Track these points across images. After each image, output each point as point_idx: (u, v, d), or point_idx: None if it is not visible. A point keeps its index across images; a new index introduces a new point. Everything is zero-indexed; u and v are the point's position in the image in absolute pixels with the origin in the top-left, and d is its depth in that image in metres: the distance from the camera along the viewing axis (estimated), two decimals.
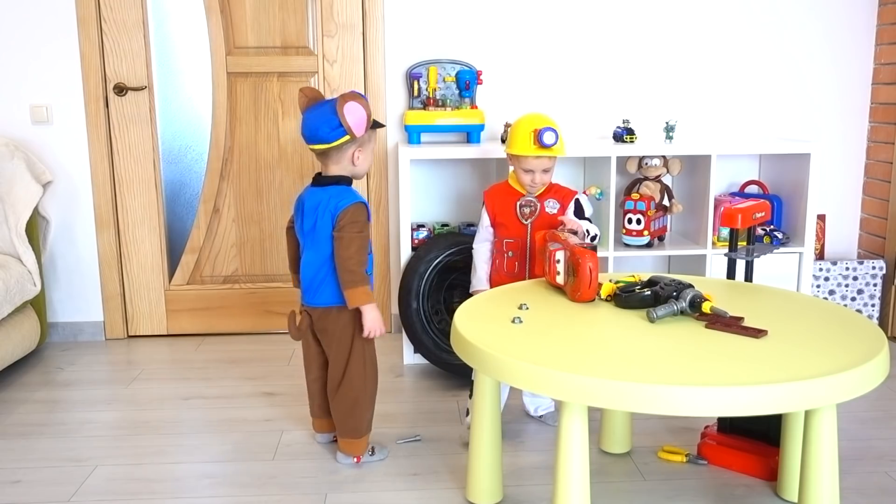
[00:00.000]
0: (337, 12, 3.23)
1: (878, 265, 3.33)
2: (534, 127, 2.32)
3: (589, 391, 1.54)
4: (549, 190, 2.43)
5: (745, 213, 2.17)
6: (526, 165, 2.36)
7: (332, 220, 2.12)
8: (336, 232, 2.11)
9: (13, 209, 3.00)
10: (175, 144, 3.33)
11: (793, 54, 3.35)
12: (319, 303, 2.19)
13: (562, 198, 2.43)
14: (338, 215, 2.11)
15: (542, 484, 2.13)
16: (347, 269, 2.10)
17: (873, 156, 3.42)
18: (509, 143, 2.41)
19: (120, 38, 3.19)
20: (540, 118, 2.37)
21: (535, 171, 2.36)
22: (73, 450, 2.37)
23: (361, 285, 2.11)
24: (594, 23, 3.28)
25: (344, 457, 2.25)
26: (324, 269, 2.16)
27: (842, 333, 1.78)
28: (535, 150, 2.32)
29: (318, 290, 2.18)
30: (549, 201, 2.41)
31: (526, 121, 2.37)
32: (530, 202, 2.40)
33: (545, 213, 2.40)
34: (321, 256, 2.16)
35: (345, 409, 2.22)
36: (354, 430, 2.22)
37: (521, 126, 2.37)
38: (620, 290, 1.99)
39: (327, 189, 2.16)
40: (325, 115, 2.10)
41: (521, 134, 2.35)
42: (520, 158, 2.36)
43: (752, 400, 1.49)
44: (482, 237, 2.50)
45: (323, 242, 2.14)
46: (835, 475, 1.72)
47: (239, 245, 3.40)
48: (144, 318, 3.42)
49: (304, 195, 2.22)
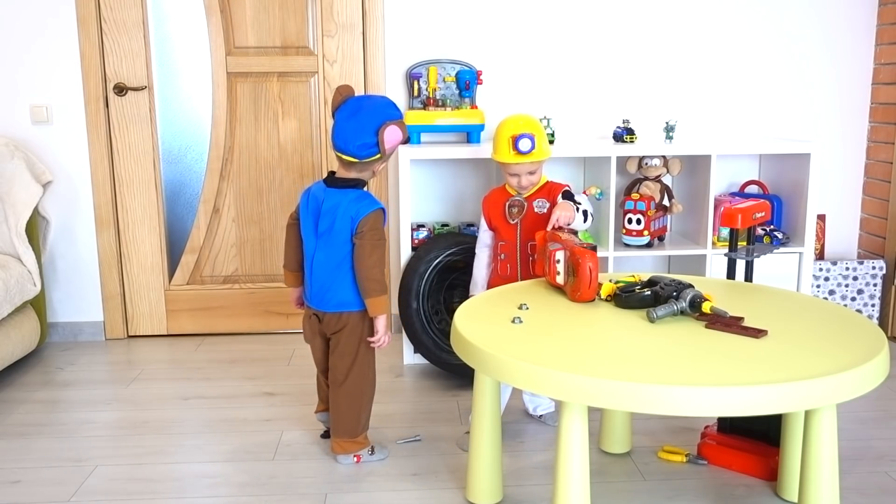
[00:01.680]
0: (337, 12, 3.23)
1: (878, 265, 3.33)
2: (511, 133, 2.33)
3: (589, 391, 1.54)
4: (540, 189, 2.43)
5: (745, 213, 2.17)
6: (510, 170, 2.39)
7: (351, 225, 2.11)
8: (357, 238, 2.11)
9: (13, 209, 3.00)
10: (175, 144, 3.33)
11: (793, 54, 3.35)
12: (331, 308, 2.18)
13: (552, 196, 2.42)
14: (360, 221, 2.10)
15: (542, 484, 2.13)
16: (372, 278, 2.11)
17: (873, 156, 3.42)
18: (492, 149, 2.42)
19: (120, 38, 3.19)
20: (518, 123, 2.36)
21: (520, 174, 2.38)
22: (73, 450, 2.37)
23: (383, 294, 2.13)
24: (594, 23, 3.28)
25: (345, 456, 2.25)
26: (338, 273, 2.15)
27: (842, 333, 1.78)
28: (513, 158, 2.34)
29: (328, 293, 2.17)
30: (539, 201, 2.40)
31: (505, 126, 2.38)
32: (517, 202, 2.41)
33: (533, 213, 2.39)
34: (335, 259, 2.14)
35: (344, 410, 2.22)
36: (351, 430, 2.23)
37: (501, 132, 2.38)
38: (620, 290, 1.99)
39: (346, 192, 2.14)
40: (364, 132, 2.09)
41: (501, 140, 2.37)
42: (501, 163, 2.39)
43: (752, 400, 1.49)
44: (481, 242, 2.52)
45: (339, 245, 2.14)
46: (835, 475, 1.72)
47: (239, 245, 3.40)
48: (144, 318, 3.42)
49: (319, 194, 2.17)
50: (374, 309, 2.13)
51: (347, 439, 2.23)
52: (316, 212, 2.17)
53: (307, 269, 2.21)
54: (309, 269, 2.20)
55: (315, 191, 2.20)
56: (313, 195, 2.20)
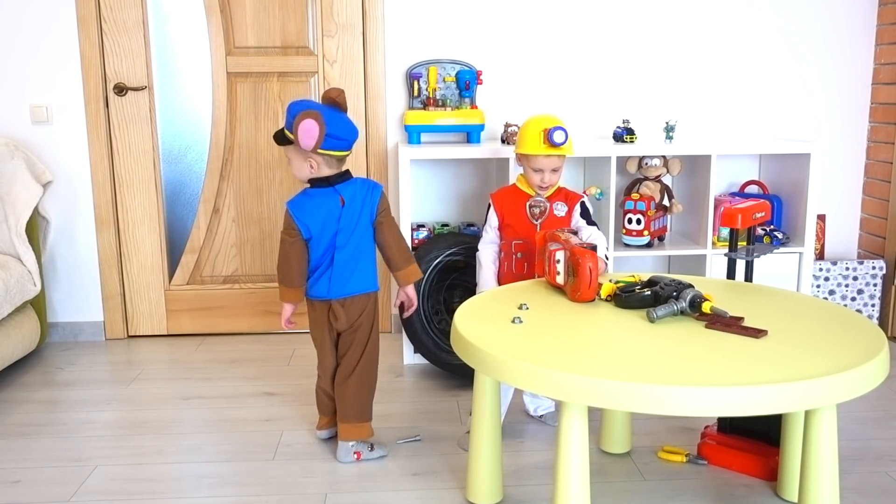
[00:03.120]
0: (337, 12, 3.23)
1: (878, 265, 3.33)
2: (543, 126, 2.34)
3: (589, 391, 1.54)
4: (557, 192, 2.44)
5: (745, 213, 2.17)
6: (536, 165, 2.38)
7: (373, 208, 2.23)
8: (382, 217, 2.24)
9: (13, 209, 3.00)
10: (175, 144, 3.33)
11: (793, 54, 3.35)
12: (351, 291, 2.25)
13: (569, 200, 2.44)
14: (378, 201, 2.23)
15: (542, 484, 2.13)
16: (404, 248, 2.29)
17: (873, 156, 3.42)
18: (518, 143, 2.42)
19: (120, 38, 3.20)
20: (549, 118, 2.39)
21: (545, 170, 2.37)
22: (73, 450, 2.37)
23: (416, 261, 2.34)
24: (594, 23, 3.28)
25: (345, 453, 2.26)
26: (358, 257, 2.24)
27: (842, 333, 1.78)
28: (545, 149, 2.34)
29: (350, 278, 2.24)
30: (558, 204, 2.42)
31: (535, 121, 2.39)
32: (539, 202, 2.42)
33: (554, 215, 2.41)
34: (358, 245, 2.23)
35: (356, 392, 2.27)
36: (362, 413, 2.28)
37: (531, 126, 2.38)
38: (620, 290, 1.99)
39: (352, 182, 2.24)
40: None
41: (531, 133, 2.36)
42: (529, 158, 2.38)
43: (752, 400, 1.49)
44: (488, 239, 2.49)
45: (362, 231, 2.23)
46: (835, 475, 1.72)
47: (239, 245, 3.40)
48: (144, 318, 3.42)
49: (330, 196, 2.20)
50: (413, 275, 2.30)
51: (357, 423, 2.27)
52: (339, 210, 2.20)
53: (325, 266, 2.23)
54: (328, 264, 2.23)
55: (319, 195, 2.20)
56: (308, 203, 2.20)
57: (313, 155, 2.16)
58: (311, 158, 2.17)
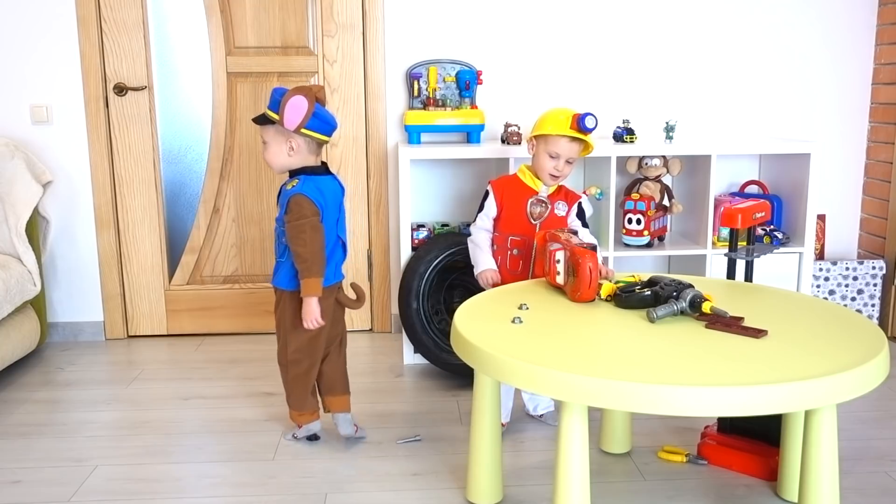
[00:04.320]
0: (337, 12, 3.23)
1: (878, 265, 3.33)
2: (574, 112, 2.29)
3: (589, 391, 1.54)
4: (558, 191, 2.41)
5: (745, 213, 2.17)
6: (555, 148, 2.29)
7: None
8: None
9: (13, 209, 3.00)
10: (175, 144, 3.33)
11: (793, 54, 3.35)
12: (340, 277, 2.34)
13: (569, 200, 2.42)
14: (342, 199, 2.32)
15: (542, 484, 2.13)
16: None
17: (873, 156, 3.42)
18: (538, 126, 2.33)
19: (120, 38, 3.19)
20: (573, 110, 2.33)
21: (562, 157, 2.30)
22: (73, 450, 2.37)
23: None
24: (594, 23, 3.28)
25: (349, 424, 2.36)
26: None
27: (842, 333, 1.78)
28: (571, 132, 2.27)
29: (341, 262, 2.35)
30: (559, 203, 2.40)
31: (560, 109, 2.34)
32: (542, 202, 2.37)
33: (554, 216, 2.38)
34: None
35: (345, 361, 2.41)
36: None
37: (557, 110, 2.33)
38: (620, 290, 1.99)
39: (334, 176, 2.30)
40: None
41: (556, 115, 2.30)
42: (549, 140, 2.29)
43: (752, 400, 1.49)
44: (482, 225, 2.42)
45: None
46: (835, 475, 1.72)
47: (239, 245, 3.40)
48: (144, 318, 3.42)
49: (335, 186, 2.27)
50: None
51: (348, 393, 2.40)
52: (339, 197, 2.28)
53: (339, 250, 2.30)
54: (342, 250, 2.31)
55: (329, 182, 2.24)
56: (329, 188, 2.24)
57: (295, 136, 2.14)
58: (291, 139, 2.15)
